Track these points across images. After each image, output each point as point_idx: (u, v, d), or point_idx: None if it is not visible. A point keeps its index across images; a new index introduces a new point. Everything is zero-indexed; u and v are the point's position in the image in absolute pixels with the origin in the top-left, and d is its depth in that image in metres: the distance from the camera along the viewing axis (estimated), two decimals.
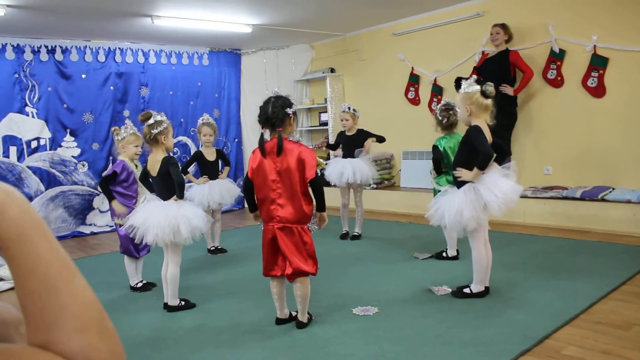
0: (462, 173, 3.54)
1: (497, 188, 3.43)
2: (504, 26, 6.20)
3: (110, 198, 4.29)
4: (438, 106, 4.61)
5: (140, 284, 4.41)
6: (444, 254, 4.77)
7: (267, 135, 3.27)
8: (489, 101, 3.54)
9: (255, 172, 3.23)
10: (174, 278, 3.75)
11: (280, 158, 3.15)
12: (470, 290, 3.68)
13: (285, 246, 3.18)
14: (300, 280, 3.26)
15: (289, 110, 3.19)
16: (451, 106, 4.45)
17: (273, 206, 3.18)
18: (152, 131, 3.66)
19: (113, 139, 4.54)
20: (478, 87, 3.52)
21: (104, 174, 4.37)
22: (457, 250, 4.72)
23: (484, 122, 3.56)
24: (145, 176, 3.92)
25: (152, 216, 3.59)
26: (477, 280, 3.66)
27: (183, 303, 3.83)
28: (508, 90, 6.11)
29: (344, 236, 5.86)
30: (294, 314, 3.43)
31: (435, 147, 4.47)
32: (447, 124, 4.48)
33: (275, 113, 3.16)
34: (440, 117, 4.49)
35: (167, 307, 3.80)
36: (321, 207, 3.30)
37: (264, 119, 3.20)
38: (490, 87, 3.52)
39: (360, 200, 5.79)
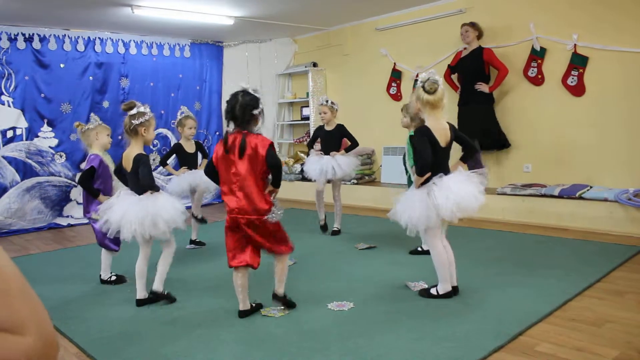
0: (415, 182, 3.53)
1: (452, 193, 3.35)
2: (472, 24, 6.27)
3: (96, 194, 4.18)
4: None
5: (113, 277, 4.35)
6: (419, 249, 4.78)
7: (230, 126, 3.29)
8: (432, 97, 3.40)
9: (220, 161, 3.27)
10: (167, 265, 3.75)
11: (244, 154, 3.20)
12: (437, 291, 3.59)
13: (254, 237, 3.28)
14: (278, 257, 3.42)
15: (255, 112, 3.22)
16: None
17: (234, 198, 3.24)
18: (132, 121, 3.59)
19: (78, 134, 4.39)
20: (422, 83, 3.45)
21: (83, 170, 4.24)
22: None
23: (435, 119, 3.48)
24: (119, 170, 3.86)
25: (128, 212, 3.53)
26: (441, 279, 3.57)
27: (151, 295, 3.77)
28: (483, 88, 6.15)
29: (324, 228, 5.79)
30: (254, 304, 3.49)
31: (413, 137, 4.40)
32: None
33: (242, 115, 3.19)
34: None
35: (152, 293, 3.74)
36: (275, 182, 3.30)
37: (230, 117, 3.25)
38: (430, 83, 3.39)
39: (339, 195, 5.77)
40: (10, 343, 0.69)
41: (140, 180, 3.56)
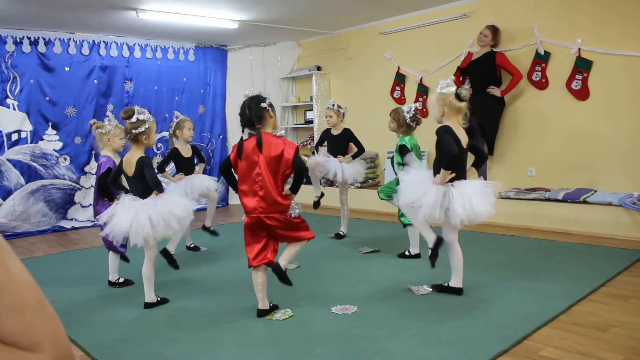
0: (435, 180, 3.53)
1: (469, 203, 3.38)
2: (495, 30, 6.19)
3: (112, 197, 4.21)
4: (405, 109, 4.64)
5: (121, 279, 4.36)
6: (406, 253, 4.83)
7: (245, 135, 3.34)
8: (463, 104, 3.50)
9: (242, 161, 3.29)
10: (152, 273, 3.72)
11: (264, 153, 3.23)
12: (448, 284, 3.72)
13: (281, 234, 3.36)
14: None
15: (264, 105, 3.28)
16: (416, 111, 4.64)
17: (255, 198, 3.27)
18: (133, 130, 3.59)
19: (92, 131, 4.45)
20: (454, 88, 3.49)
21: (100, 174, 4.25)
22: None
23: (455, 123, 3.53)
24: (116, 177, 3.85)
25: (138, 216, 3.51)
26: (456, 273, 3.69)
27: (159, 299, 3.78)
28: (495, 91, 6.11)
29: (317, 205, 5.66)
30: (271, 305, 3.51)
31: (404, 147, 4.50)
32: (414, 127, 4.62)
33: (253, 112, 3.26)
34: (410, 121, 4.55)
35: (145, 305, 3.74)
36: (294, 188, 3.34)
37: (245, 121, 3.30)
38: (464, 91, 3.47)
39: (346, 199, 5.75)
40: None
41: (149, 181, 3.55)
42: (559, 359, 2.68)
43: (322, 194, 5.68)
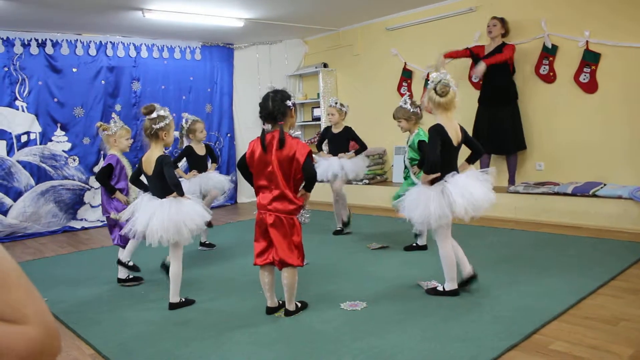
0: (422, 180, 3.51)
1: (467, 192, 3.35)
2: (502, 20, 6.15)
3: (113, 191, 4.27)
4: (401, 104, 4.65)
5: (130, 275, 4.39)
6: (414, 245, 4.87)
7: (268, 128, 3.30)
8: (444, 99, 3.41)
9: (256, 159, 3.28)
10: (175, 275, 3.69)
11: (279, 151, 3.21)
12: (443, 288, 3.63)
13: (274, 236, 3.28)
14: (287, 270, 3.35)
15: (289, 103, 3.27)
16: (410, 97, 4.70)
17: (268, 195, 3.26)
18: (153, 126, 3.58)
19: (99, 134, 4.50)
20: (432, 84, 3.44)
21: (101, 167, 4.34)
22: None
23: (446, 118, 3.46)
24: (137, 176, 3.86)
25: (154, 218, 3.51)
26: (448, 278, 3.60)
27: (184, 300, 3.76)
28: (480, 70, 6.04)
29: (338, 232, 5.83)
30: (280, 302, 3.51)
31: (423, 142, 4.46)
32: (421, 112, 4.63)
33: (276, 107, 3.23)
34: (414, 107, 4.58)
35: (169, 305, 3.71)
36: (308, 187, 3.33)
37: (266, 114, 3.26)
38: (442, 86, 3.40)
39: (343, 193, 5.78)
40: (11, 333, 0.67)
41: (168, 181, 3.54)
42: (569, 353, 2.67)
43: (347, 222, 5.75)
